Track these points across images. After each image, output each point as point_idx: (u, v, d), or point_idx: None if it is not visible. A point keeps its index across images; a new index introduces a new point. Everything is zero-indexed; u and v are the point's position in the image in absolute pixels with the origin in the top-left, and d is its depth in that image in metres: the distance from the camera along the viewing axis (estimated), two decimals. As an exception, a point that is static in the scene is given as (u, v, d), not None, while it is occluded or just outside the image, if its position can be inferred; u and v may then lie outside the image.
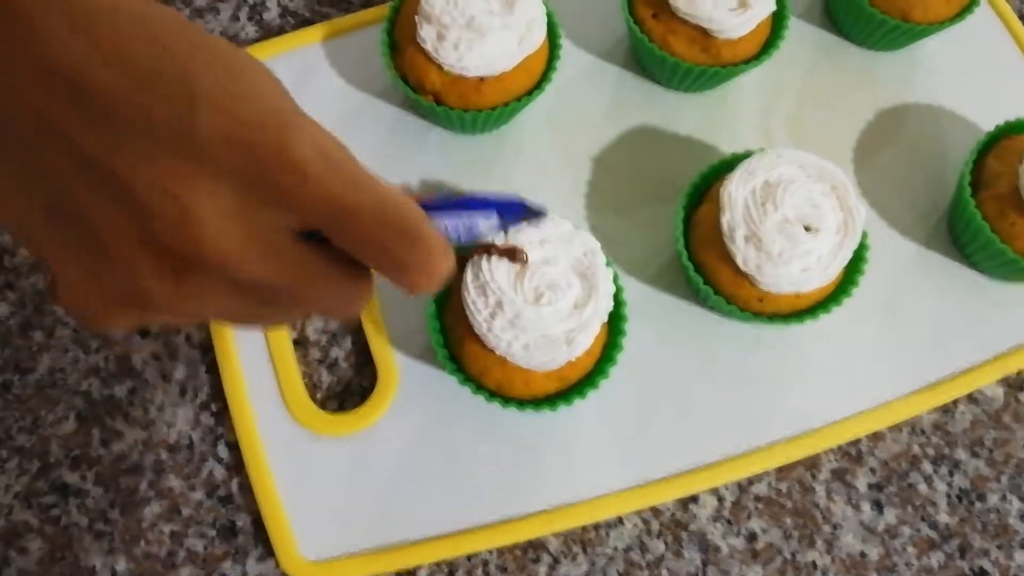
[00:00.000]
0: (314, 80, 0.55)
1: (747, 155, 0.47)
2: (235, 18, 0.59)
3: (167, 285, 0.25)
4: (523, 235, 0.43)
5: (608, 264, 0.44)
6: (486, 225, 0.29)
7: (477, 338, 0.42)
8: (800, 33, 0.59)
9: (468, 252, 0.42)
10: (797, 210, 0.45)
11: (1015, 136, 0.51)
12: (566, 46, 0.57)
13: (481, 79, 0.49)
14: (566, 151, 0.55)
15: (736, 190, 0.45)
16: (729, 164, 0.49)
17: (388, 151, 0.54)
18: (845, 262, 0.45)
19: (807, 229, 0.45)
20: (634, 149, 0.55)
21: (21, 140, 0.24)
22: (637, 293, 0.50)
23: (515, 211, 0.30)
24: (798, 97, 0.58)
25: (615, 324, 0.45)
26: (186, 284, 0.25)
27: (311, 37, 0.56)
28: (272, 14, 0.59)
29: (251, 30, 0.58)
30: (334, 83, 0.55)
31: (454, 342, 0.44)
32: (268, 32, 0.58)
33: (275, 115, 0.24)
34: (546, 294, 0.41)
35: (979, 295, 0.52)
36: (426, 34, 0.48)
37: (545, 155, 0.55)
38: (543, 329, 0.41)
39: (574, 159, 0.54)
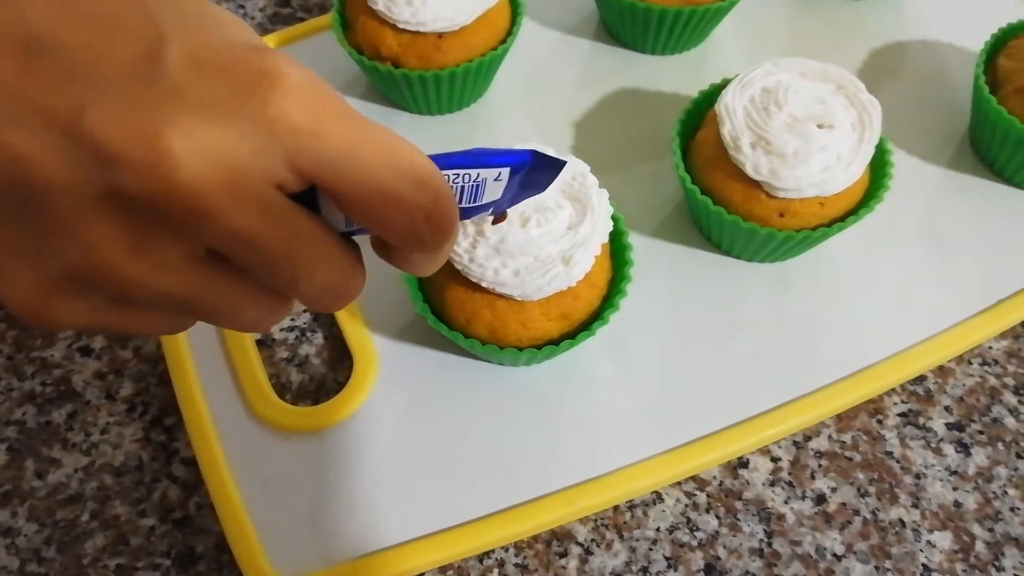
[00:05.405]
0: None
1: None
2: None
3: (126, 251, 0.20)
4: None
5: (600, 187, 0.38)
6: (493, 185, 0.25)
7: (460, 279, 0.36)
8: (773, -8, 0.57)
9: None
10: (805, 108, 0.40)
11: (1022, 35, 0.47)
12: (531, 27, 0.55)
13: (440, 35, 0.45)
14: (544, 121, 0.50)
15: (733, 99, 0.41)
16: (721, 88, 0.44)
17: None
18: (868, 158, 0.40)
19: (819, 127, 0.39)
20: (616, 112, 0.51)
21: None
22: (643, 248, 0.44)
23: (528, 165, 0.26)
24: (784, 51, 0.55)
25: (619, 256, 0.39)
26: (150, 250, 0.20)
27: (264, 47, 0.53)
28: (224, 37, 0.56)
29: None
30: (290, 84, 0.52)
31: (434, 295, 0.38)
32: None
33: (250, 45, 0.21)
34: (533, 217, 0.36)
35: (1020, 211, 0.47)
36: (377, -5, 0.45)
37: (522, 127, 0.50)
38: (534, 252, 0.35)
39: (554, 127, 0.50)
